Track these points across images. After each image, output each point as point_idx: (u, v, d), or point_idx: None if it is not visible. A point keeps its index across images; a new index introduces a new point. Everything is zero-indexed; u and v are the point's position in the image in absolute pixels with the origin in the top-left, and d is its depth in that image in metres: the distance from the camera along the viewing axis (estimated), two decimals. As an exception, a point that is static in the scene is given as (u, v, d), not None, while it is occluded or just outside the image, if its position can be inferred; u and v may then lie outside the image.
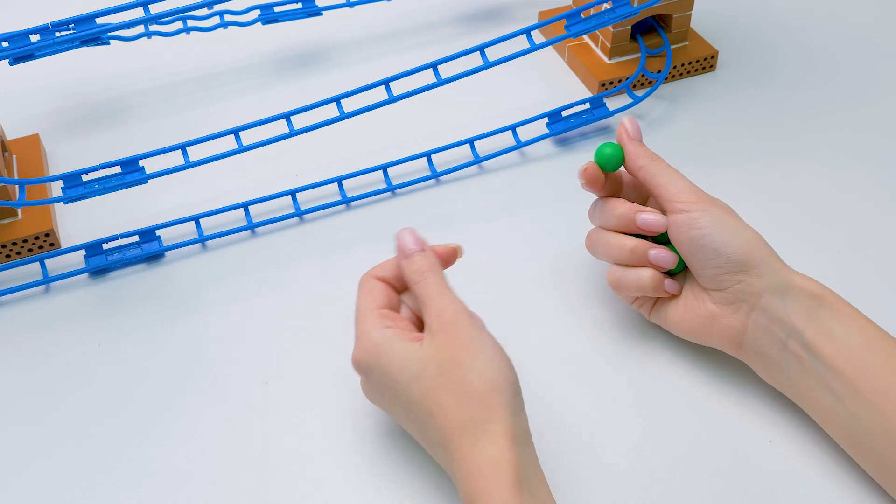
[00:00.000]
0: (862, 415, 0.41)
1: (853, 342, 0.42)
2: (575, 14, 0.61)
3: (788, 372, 0.44)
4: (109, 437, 0.48)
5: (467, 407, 0.39)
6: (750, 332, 0.45)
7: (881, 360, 0.42)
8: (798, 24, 0.76)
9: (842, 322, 0.43)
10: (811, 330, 0.43)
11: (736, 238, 0.45)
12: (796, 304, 0.44)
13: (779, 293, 0.44)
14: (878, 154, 0.63)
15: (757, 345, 0.45)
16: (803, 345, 0.43)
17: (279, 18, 0.71)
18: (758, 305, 0.44)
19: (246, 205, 0.59)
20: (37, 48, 0.56)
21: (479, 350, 0.40)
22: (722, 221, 0.45)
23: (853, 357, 0.42)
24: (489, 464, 0.37)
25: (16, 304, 0.55)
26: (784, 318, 0.44)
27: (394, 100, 0.59)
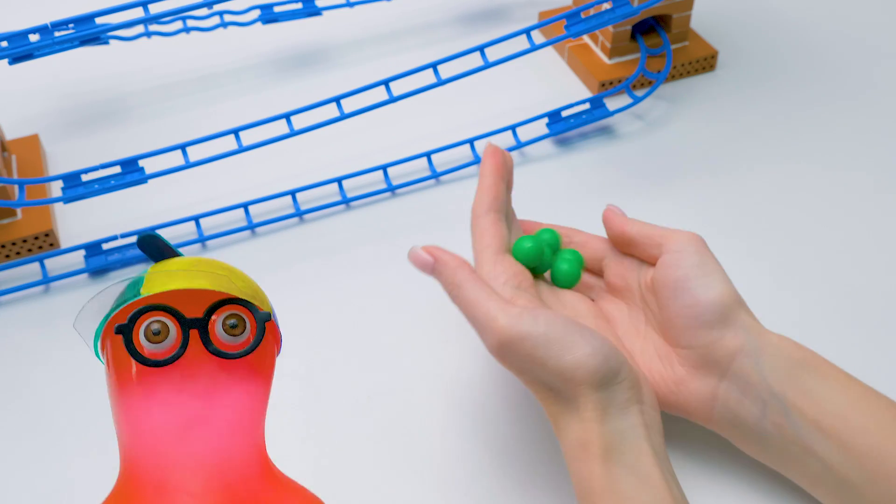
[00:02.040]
0: (853, 480, 0.38)
1: (838, 402, 0.39)
2: (575, 14, 0.61)
3: (768, 443, 0.41)
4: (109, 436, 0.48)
5: (556, 400, 0.39)
6: (721, 402, 0.41)
7: (869, 420, 0.39)
8: (798, 24, 0.76)
9: (824, 382, 0.40)
10: (792, 392, 0.40)
11: (717, 287, 0.41)
12: (772, 366, 0.40)
13: (752, 355, 0.40)
14: (878, 154, 0.63)
15: (729, 416, 0.41)
16: (784, 409, 0.40)
17: (279, 18, 0.71)
18: (729, 371, 0.41)
19: (246, 205, 0.59)
20: (36, 48, 0.56)
21: (546, 356, 0.38)
22: (707, 266, 0.42)
23: (839, 418, 0.39)
24: (576, 444, 0.38)
25: (16, 303, 0.55)
26: (760, 383, 0.40)
27: (394, 100, 0.59)
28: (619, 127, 0.66)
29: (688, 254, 0.42)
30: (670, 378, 0.42)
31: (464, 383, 0.49)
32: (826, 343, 0.51)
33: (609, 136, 0.65)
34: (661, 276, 0.43)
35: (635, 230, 0.45)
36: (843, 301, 0.53)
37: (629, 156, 0.64)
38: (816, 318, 0.52)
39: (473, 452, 0.46)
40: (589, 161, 0.63)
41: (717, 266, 0.43)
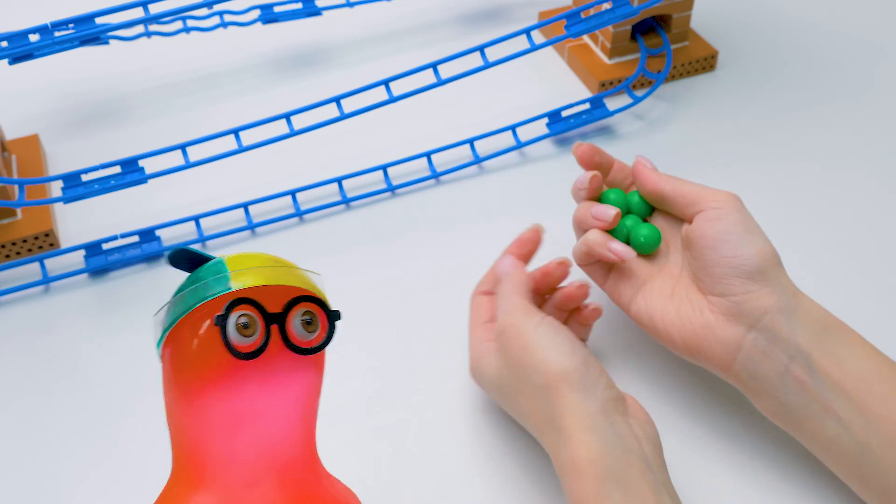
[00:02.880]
0: (872, 444, 0.39)
1: (862, 367, 0.40)
2: (575, 14, 0.61)
3: (786, 398, 0.41)
4: (109, 436, 0.48)
5: (542, 405, 0.40)
6: (745, 353, 0.42)
7: (891, 388, 0.40)
8: (798, 24, 0.76)
9: (850, 348, 0.41)
10: (818, 352, 0.41)
11: (758, 243, 0.43)
12: (803, 326, 0.41)
13: (785, 312, 0.41)
14: (878, 154, 0.63)
15: (751, 366, 0.42)
16: (808, 367, 0.40)
17: (279, 18, 0.71)
18: (759, 324, 0.41)
19: (246, 205, 0.59)
20: (36, 48, 0.56)
21: (535, 347, 0.41)
22: (749, 224, 0.43)
23: (862, 383, 0.40)
24: (569, 465, 0.38)
25: (16, 303, 0.55)
26: (789, 339, 0.41)
27: (394, 100, 0.59)
28: (619, 127, 0.66)
29: (729, 210, 0.43)
30: (698, 322, 0.43)
31: (464, 383, 0.49)
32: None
33: (609, 136, 0.65)
34: (701, 229, 0.43)
35: (669, 187, 0.46)
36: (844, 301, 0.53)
37: (629, 156, 0.63)
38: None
39: (472, 451, 0.46)
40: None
41: (758, 226, 0.44)
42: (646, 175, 0.47)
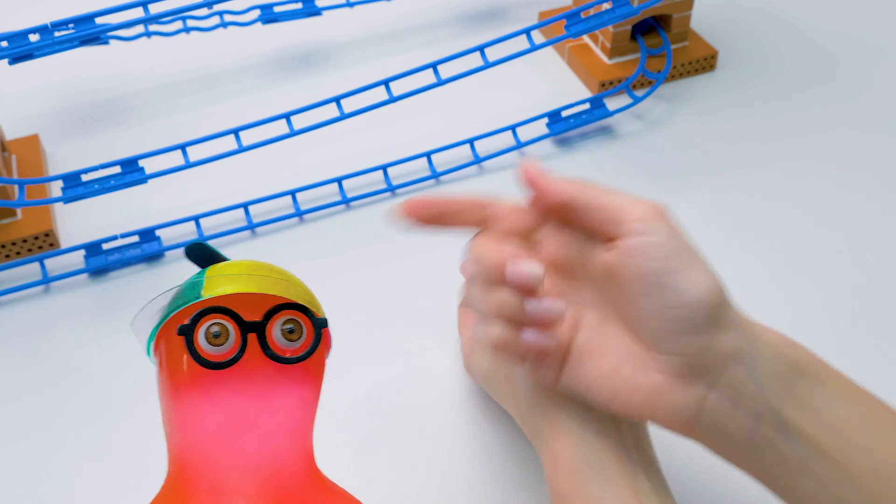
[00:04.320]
0: (851, 499, 0.34)
1: (839, 415, 0.34)
2: (575, 14, 0.61)
3: (756, 457, 0.35)
4: (109, 436, 0.48)
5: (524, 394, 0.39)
6: (707, 415, 0.34)
7: (873, 435, 0.34)
8: (798, 24, 0.76)
9: (823, 390, 0.35)
10: (789, 406, 0.34)
11: (702, 277, 0.33)
12: (769, 375, 0.34)
13: (747, 362, 0.34)
14: (878, 153, 0.63)
15: (715, 428, 0.34)
16: (780, 425, 0.34)
17: (279, 18, 0.71)
18: (721, 380, 0.33)
19: (246, 205, 0.59)
20: (36, 48, 0.56)
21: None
22: (684, 250, 0.34)
23: (840, 434, 0.34)
24: (548, 454, 0.38)
25: (16, 303, 0.55)
26: (755, 395, 0.34)
27: (394, 100, 0.59)
28: (619, 127, 0.66)
29: (659, 237, 0.34)
30: (646, 386, 0.34)
31: (464, 382, 0.49)
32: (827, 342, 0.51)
33: (609, 136, 0.65)
34: (628, 266, 0.34)
35: (572, 194, 0.36)
36: (845, 300, 0.53)
37: (629, 156, 0.64)
38: (817, 318, 0.52)
39: (471, 450, 0.46)
40: (589, 161, 0.63)
41: (696, 250, 0.35)
42: (543, 183, 0.36)
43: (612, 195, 0.35)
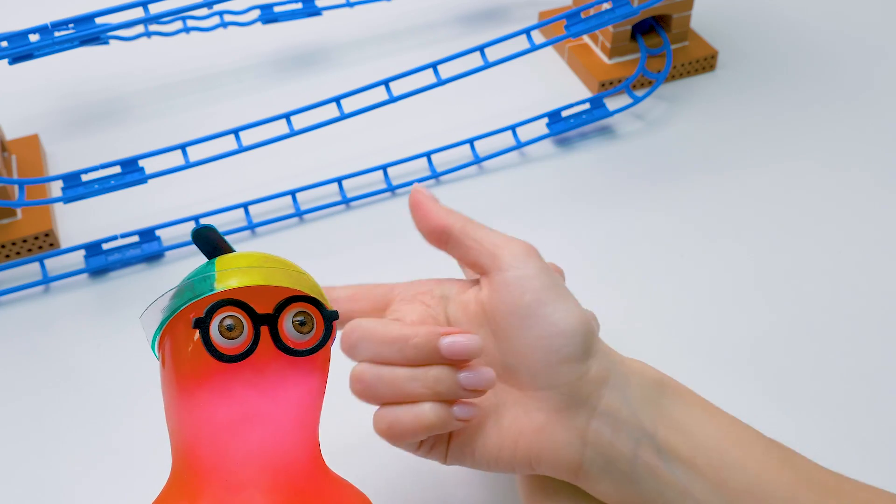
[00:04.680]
0: None
1: (710, 435, 0.34)
2: (575, 14, 0.61)
3: (641, 488, 0.35)
4: (109, 436, 0.48)
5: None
6: (591, 447, 0.34)
7: (743, 454, 0.34)
8: (798, 24, 0.76)
9: (690, 411, 0.35)
10: (662, 428, 0.34)
11: (573, 308, 0.35)
12: (639, 396, 0.35)
13: (619, 387, 0.35)
14: (878, 153, 0.63)
15: (601, 462, 0.35)
16: (657, 449, 0.34)
17: (279, 18, 0.71)
18: (598, 409, 0.34)
19: (246, 205, 0.59)
20: (36, 48, 0.56)
21: None
22: (556, 285, 0.35)
23: (714, 453, 0.34)
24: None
25: (16, 303, 0.55)
26: (630, 420, 0.34)
27: (394, 100, 0.59)
28: (619, 127, 0.66)
29: (532, 272, 0.35)
30: (528, 428, 0.35)
31: (464, 383, 0.49)
32: (827, 342, 0.51)
33: (609, 136, 0.65)
34: (503, 300, 0.35)
35: (454, 224, 0.37)
36: (845, 300, 0.53)
37: (629, 156, 0.64)
38: (817, 318, 0.52)
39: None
40: (589, 161, 0.63)
41: (565, 286, 0.36)
42: (427, 207, 0.38)
43: (488, 231, 0.37)
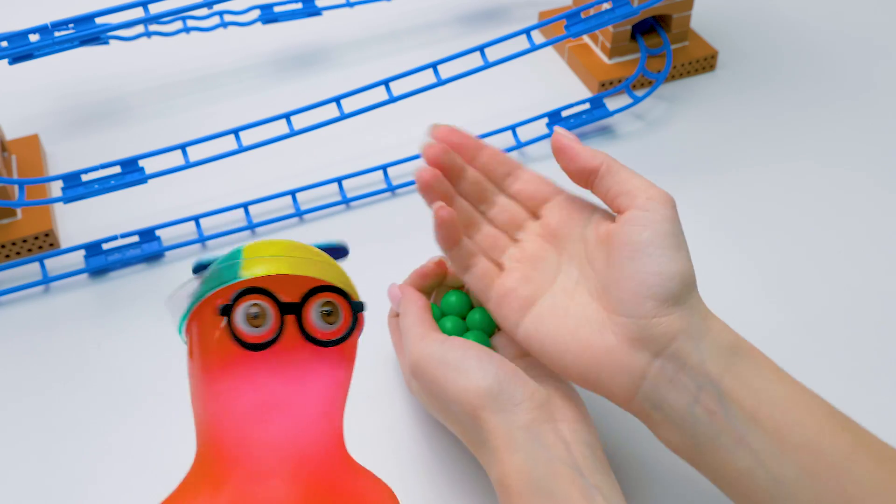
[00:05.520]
0: (786, 477, 0.36)
1: (775, 393, 0.37)
2: (575, 14, 0.61)
3: (695, 430, 0.37)
4: (109, 436, 0.48)
5: (468, 430, 0.39)
6: (650, 382, 0.37)
7: (805, 414, 0.36)
8: (798, 24, 0.76)
9: (761, 372, 0.37)
10: (729, 379, 0.37)
11: (682, 263, 0.38)
12: (712, 352, 0.37)
13: (694, 338, 0.37)
14: (878, 153, 0.63)
15: (656, 397, 0.37)
16: (719, 396, 0.36)
17: (279, 18, 0.71)
18: (667, 350, 0.37)
19: (246, 205, 0.59)
20: (36, 48, 0.56)
21: (445, 378, 0.39)
22: (678, 237, 0.38)
23: (776, 409, 0.36)
24: (498, 483, 0.38)
25: (16, 304, 0.55)
26: (698, 367, 0.37)
27: (394, 100, 0.59)
28: (619, 127, 0.66)
29: (660, 217, 0.38)
30: (598, 346, 0.38)
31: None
32: (826, 342, 0.51)
33: (609, 136, 0.65)
34: (625, 232, 0.38)
35: (604, 163, 0.40)
36: (844, 300, 0.53)
37: (629, 156, 0.64)
38: (817, 317, 0.52)
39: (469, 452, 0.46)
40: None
41: (685, 241, 0.39)
42: (573, 149, 0.41)
43: (632, 174, 0.40)
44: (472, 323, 0.45)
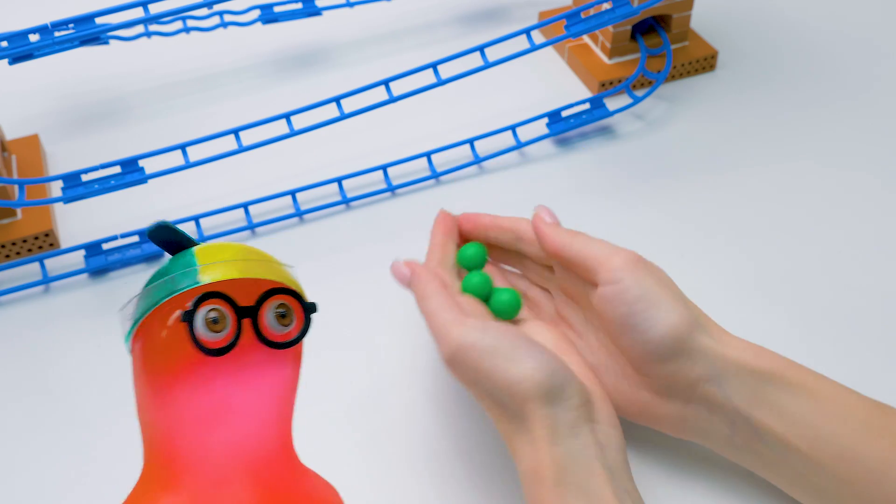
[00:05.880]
0: (827, 487, 0.38)
1: (806, 412, 0.38)
2: (575, 14, 0.61)
3: (740, 456, 0.41)
4: (109, 436, 0.48)
5: (510, 417, 0.39)
6: (690, 423, 0.41)
7: (838, 424, 0.38)
8: (798, 24, 0.76)
9: (790, 393, 0.39)
10: (759, 411, 0.39)
11: (666, 317, 0.39)
12: (736, 387, 0.39)
13: (714, 379, 0.39)
14: (878, 153, 0.63)
15: (700, 433, 0.41)
16: (752, 429, 0.39)
17: (279, 18, 0.71)
18: (694, 396, 0.40)
19: (246, 205, 0.59)
20: (36, 48, 0.56)
21: (493, 369, 0.38)
22: (651, 294, 0.40)
23: (808, 429, 0.38)
24: (531, 473, 0.38)
25: (16, 304, 0.55)
26: (726, 405, 0.39)
27: (394, 100, 0.59)
28: (619, 127, 0.66)
29: (626, 285, 0.40)
30: (637, 399, 0.41)
31: (464, 383, 0.49)
32: (826, 342, 0.51)
33: (609, 136, 0.65)
34: (603, 310, 0.41)
35: (566, 247, 0.43)
36: (844, 300, 0.53)
37: (629, 156, 0.64)
38: (816, 317, 0.52)
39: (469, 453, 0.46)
40: (589, 161, 0.63)
41: (664, 291, 0.40)
42: (543, 231, 0.44)
43: (594, 246, 0.42)
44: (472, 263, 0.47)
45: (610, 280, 0.40)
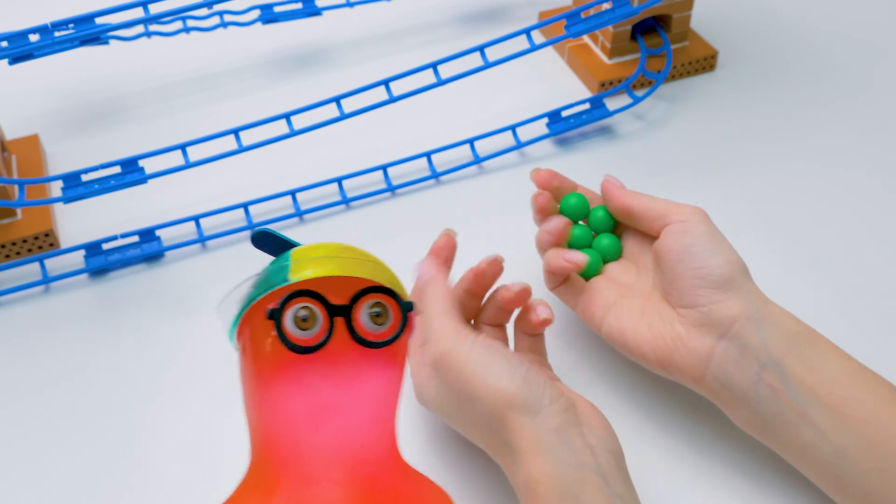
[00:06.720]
0: (848, 448, 0.39)
1: (835, 371, 0.40)
2: (575, 14, 0.61)
3: (760, 407, 0.41)
4: (109, 436, 0.48)
5: (492, 431, 0.39)
6: (716, 362, 0.42)
7: (865, 390, 0.40)
8: (798, 24, 0.76)
9: (821, 353, 0.41)
10: (790, 359, 0.41)
11: (724, 253, 0.43)
12: (773, 334, 0.41)
13: (754, 321, 0.41)
14: (878, 153, 0.63)
15: (723, 376, 0.42)
16: (781, 374, 0.40)
17: (279, 18, 0.71)
18: (729, 332, 0.42)
19: (246, 205, 0.59)
20: (36, 48, 0.56)
21: (472, 375, 0.39)
22: (714, 235, 0.44)
23: (836, 386, 0.40)
24: (524, 487, 0.38)
25: (16, 304, 0.55)
26: (760, 347, 0.41)
27: (394, 100, 0.59)
28: (619, 127, 0.66)
29: (694, 223, 0.44)
30: (668, 334, 0.43)
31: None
32: (826, 343, 0.51)
33: (609, 136, 0.65)
34: (668, 243, 0.44)
35: (636, 203, 0.47)
36: (844, 300, 0.53)
37: (629, 156, 0.64)
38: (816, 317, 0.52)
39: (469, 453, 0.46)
40: (589, 161, 0.63)
41: (724, 237, 0.44)
42: (613, 192, 0.48)
43: (662, 200, 0.46)
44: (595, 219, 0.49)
45: (679, 219, 0.44)
